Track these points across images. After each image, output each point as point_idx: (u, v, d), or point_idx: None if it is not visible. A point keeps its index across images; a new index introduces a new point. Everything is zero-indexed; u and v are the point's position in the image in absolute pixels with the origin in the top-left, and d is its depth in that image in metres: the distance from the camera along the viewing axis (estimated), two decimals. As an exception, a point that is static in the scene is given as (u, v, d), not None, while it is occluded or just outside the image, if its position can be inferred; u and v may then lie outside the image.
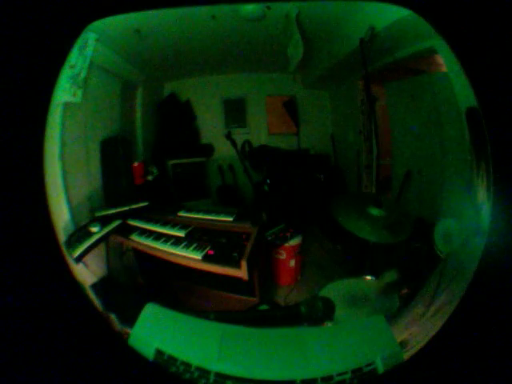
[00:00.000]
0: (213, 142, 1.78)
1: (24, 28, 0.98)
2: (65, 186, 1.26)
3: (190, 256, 1.42)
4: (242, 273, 1.34)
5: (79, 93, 1.26)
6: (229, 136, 1.68)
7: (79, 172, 1.37)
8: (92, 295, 1.13)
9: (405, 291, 1.27)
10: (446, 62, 1.15)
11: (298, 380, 0.85)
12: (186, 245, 1.47)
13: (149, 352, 0.92)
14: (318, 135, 1.73)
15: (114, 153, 1.51)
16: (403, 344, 0.94)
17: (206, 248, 1.44)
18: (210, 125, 1.78)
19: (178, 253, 1.44)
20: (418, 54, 1.26)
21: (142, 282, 1.58)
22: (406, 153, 1.51)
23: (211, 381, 0.87)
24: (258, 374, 0.87)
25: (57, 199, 1.21)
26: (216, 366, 0.88)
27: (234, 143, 1.68)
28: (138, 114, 1.67)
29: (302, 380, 0.85)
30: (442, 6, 0.95)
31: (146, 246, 1.50)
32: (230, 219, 1.56)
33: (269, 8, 1.27)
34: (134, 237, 1.53)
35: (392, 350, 0.91)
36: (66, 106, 1.25)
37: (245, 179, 1.74)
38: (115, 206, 1.50)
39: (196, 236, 1.52)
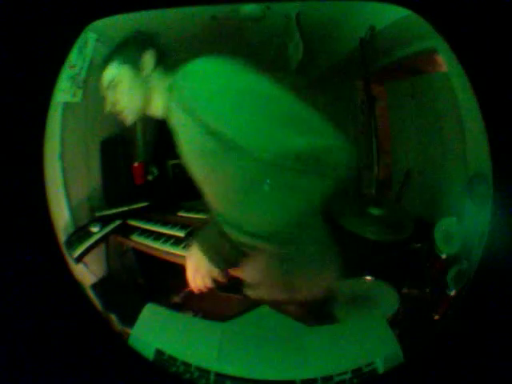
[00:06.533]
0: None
1: (24, 28, 0.98)
2: (65, 186, 1.25)
3: (190, 256, 1.42)
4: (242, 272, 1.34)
5: (79, 93, 1.26)
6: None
7: (79, 172, 1.37)
8: (92, 295, 1.13)
9: (405, 291, 1.27)
10: (446, 61, 1.15)
11: (298, 380, 0.85)
12: (186, 245, 1.46)
13: (149, 352, 0.92)
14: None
15: (114, 153, 1.51)
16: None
17: (205, 248, 1.43)
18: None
19: (178, 253, 1.44)
20: (417, 54, 1.26)
21: (142, 282, 1.58)
22: (406, 153, 1.50)
23: (211, 381, 0.87)
24: (257, 374, 0.87)
25: (57, 199, 1.21)
26: (216, 365, 0.88)
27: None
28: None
29: (301, 380, 0.85)
30: (441, 6, 0.95)
31: (146, 246, 1.50)
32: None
33: (269, 8, 1.27)
34: (134, 237, 1.53)
35: (392, 349, 0.91)
36: (66, 105, 1.24)
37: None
38: (115, 206, 1.50)
39: (196, 236, 1.52)
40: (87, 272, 1.28)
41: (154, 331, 0.98)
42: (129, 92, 1.03)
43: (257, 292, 1.06)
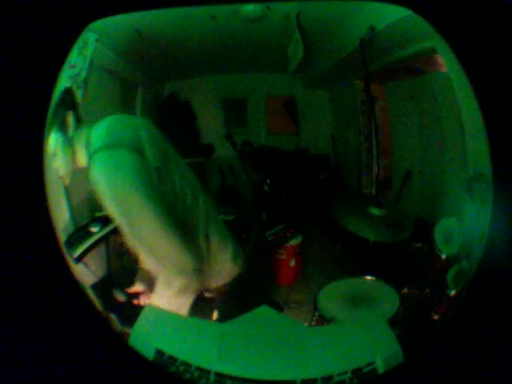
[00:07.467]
0: (213, 143, 1.78)
1: (24, 28, 0.98)
2: (65, 186, 1.25)
3: (190, 256, 1.41)
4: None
5: (79, 93, 1.26)
6: (229, 136, 1.68)
7: (79, 172, 1.37)
8: (92, 295, 1.13)
9: (405, 291, 1.27)
10: (446, 62, 1.15)
11: (298, 380, 0.85)
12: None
13: (149, 352, 0.92)
14: (318, 135, 1.72)
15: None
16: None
17: (205, 248, 1.43)
18: (210, 125, 1.78)
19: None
20: (417, 54, 1.26)
21: (142, 282, 1.58)
22: (406, 153, 1.51)
23: (211, 381, 0.87)
24: (258, 374, 0.87)
25: (57, 199, 1.21)
26: (216, 365, 0.88)
27: (233, 143, 1.68)
28: (138, 114, 1.67)
29: (301, 380, 0.85)
30: (442, 6, 0.95)
31: (145, 246, 1.49)
32: (230, 219, 1.56)
33: (269, 8, 1.27)
34: (134, 237, 1.52)
35: (392, 350, 0.91)
36: (66, 105, 1.24)
37: (245, 179, 1.74)
38: (115, 206, 1.49)
39: (196, 236, 1.52)
40: (87, 272, 1.28)
41: (154, 331, 0.98)
42: (64, 158, 1.15)
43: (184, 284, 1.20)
